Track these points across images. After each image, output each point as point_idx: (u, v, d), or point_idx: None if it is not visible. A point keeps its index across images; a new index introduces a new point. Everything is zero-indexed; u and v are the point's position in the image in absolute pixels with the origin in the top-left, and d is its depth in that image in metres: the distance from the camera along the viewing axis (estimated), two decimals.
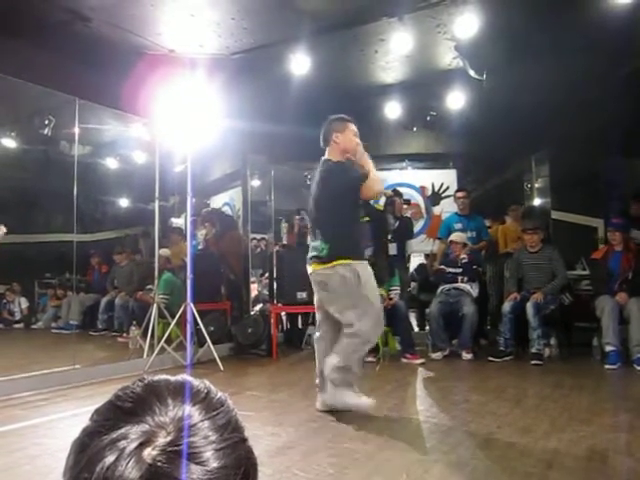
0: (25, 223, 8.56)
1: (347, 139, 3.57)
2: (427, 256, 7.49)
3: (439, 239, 6.61)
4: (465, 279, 5.87)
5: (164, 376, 0.63)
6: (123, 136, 7.02)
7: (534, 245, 5.75)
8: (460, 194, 6.50)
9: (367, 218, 6.23)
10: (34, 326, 8.47)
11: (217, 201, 8.35)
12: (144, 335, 5.37)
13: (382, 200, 6.58)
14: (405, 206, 6.60)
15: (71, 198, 5.29)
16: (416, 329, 6.94)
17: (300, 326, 7.04)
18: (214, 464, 0.54)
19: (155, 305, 5.42)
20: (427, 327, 6.22)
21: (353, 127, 3.62)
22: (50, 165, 7.31)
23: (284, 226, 7.77)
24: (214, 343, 5.30)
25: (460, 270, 5.92)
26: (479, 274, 6.08)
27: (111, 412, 0.57)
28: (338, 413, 3.53)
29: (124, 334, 6.90)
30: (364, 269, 3.48)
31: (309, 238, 3.75)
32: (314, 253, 3.49)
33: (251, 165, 7.51)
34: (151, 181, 5.75)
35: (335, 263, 3.40)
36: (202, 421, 0.56)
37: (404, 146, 7.53)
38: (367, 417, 3.44)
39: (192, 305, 5.06)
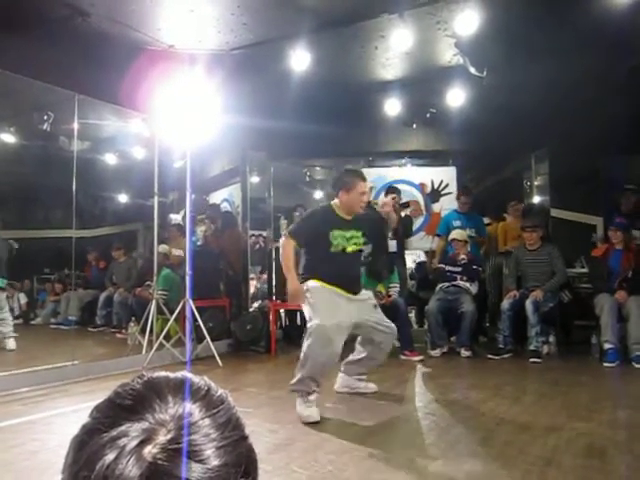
0: (24, 219, 8.57)
1: (352, 198, 3.63)
2: (426, 253, 7.49)
3: (438, 236, 6.61)
4: (464, 278, 5.87)
5: (164, 373, 0.62)
6: (122, 132, 7.01)
7: (533, 243, 5.75)
8: (464, 199, 6.47)
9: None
10: (33, 322, 8.47)
11: (216, 197, 8.34)
12: (143, 331, 5.37)
13: (382, 197, 6.59)
14: (404, 210, 6.51)
15: (70, 194, 5.28)
16: (415, 326, 6.94)
17: (299, 323, 7.03)
18: (215, 462, 0.53)
19: (154, 301, 5.41)
20: (426, 324, 6.22)
21: (362, 186, 3.66)
22: (49, 161, 7.29)
23: (283, 223, 7.75)
24: (213, 339, 5.30)
25: (460, 269, 5.92)
26: (479, 274, 6.07)
27: (111, 409, 0.57)
28: (337, 409, 3.53)
29: (123, 330, 6.90)
30: (316, 291, 3.51)
31: None
32: None
33: (250, 161, 7.51)
34: (150, 177, 5.74)
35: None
36: (203, 419, 0.56)
37: (404, 143, 7.52)
38: (366, 414, 3.44)
39: (191, 301, 5.05)
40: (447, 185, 7.29)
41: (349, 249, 3.65)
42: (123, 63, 4.86)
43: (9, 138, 6.79)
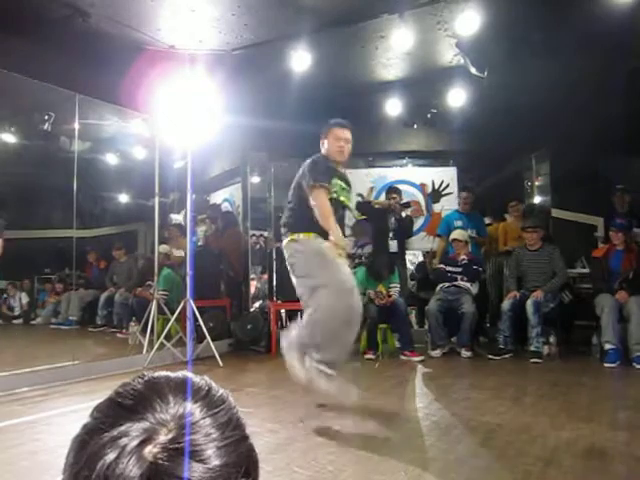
0: (25, 219, 8.56)
1: (328, 145, 3.63)
2: (427, 253, 7.49)
3: (439, 236, 6.61)
4: (465, 279, 5.86)
5: (165, 373, 0.62)
6: (123, 132, 7.01)
7: (534, 243, 5.75)
8: (465, 194, 6.48)
9: (364, 217, 6.25)
10: (33, 322, 8.47)
11: (217, 197, 8.35)
12: (143, 331, 5.37)
13: (382, 197, 6.59)
14: (405, 210, 6.52)
15: (71, 194, 5.29)
16: (415, 326, 6.94)
17: None
18: (216, 462, 0.53)
19: (155, 301, 5.42)
20: (426, 324, 6.22)
21: (338, 132, 3.63)
22: (50, 161, 7.29)
23: None
24: (213, 339, 5.30)
25: (460, 270, 5.91)
26: (479, 275, 6.06)
27: (111, 409, 0.57)
28: (338, 410, 3.53)
29: (123, 330, 6.91)
30: (309, 242, 3.36)
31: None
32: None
33: (251, 161, 7.51)
34: (151, 177, 5.74)
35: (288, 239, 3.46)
36: (203, 418, 0.56)
37: (404, 143, 7.52)
38: (366, 414, 3.44)
39: (192, 301, 5.06)
40: (448, 185, 7.29)
41: (342, 200, 3.52)
42: (124, 63, 4.86)
43: (10, 138, 6.79)
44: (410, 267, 7.47)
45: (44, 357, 5.00)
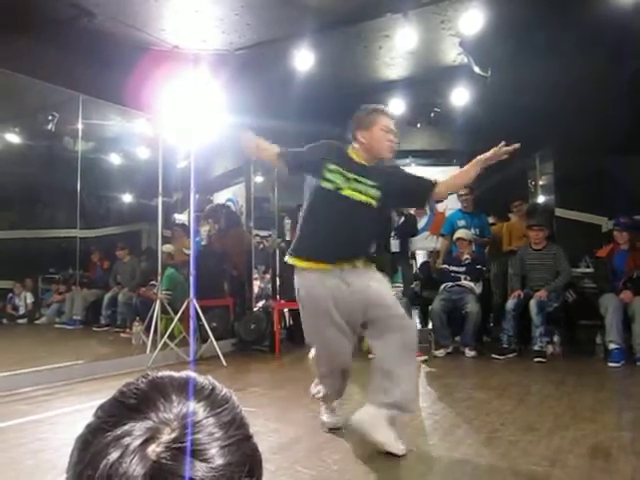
0: (29, 218, 8.59)
1: (375, 139, 2.89)
2: (431, 252, 7.48)
3: (442, 236, 6.59)
4: (468, 278, 5.85)
5: (168, 372, 0.62)
6: (126, 132, 7.03)
7: (539, 242, 5.73)
8: (462, 191, 6.47)
9: None
10: (37, 321, 8.50)
11: (220, 197, 8.35)
12: (147, 331, 5.38)
13: None
14: None
15: (74, 194, 5.31)
16: (419, 326, 6.93)
17: None
18: (219, 461, 0.53)
19: (158, 301, 5.42)
20: (430, 324, 6.20)
21: (385, 121, 2.92)
22: (54, 161, 7.32)
23: (287, 222, 7.75)
24: (217, 339, 5.30)
25: (463, 269, 5.90)
26: (483, 274, 6.05)
27: (115, 408, 0.57)
28: (342, 409, 3.52)
29: (127, 330, 6.92)
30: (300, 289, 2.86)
31: None
32: None
33: (254, 161, 7.50)
34: (154, 177, 5.75)
35: None
36: (207, 418, 0.56)
37: (408, 142, 7.49)
38: None
39: (195, 301, 5.06)
40: None
41: (346, 192, 2.78)
42: (127, 63, 4.87)
43: (14, 138, 6.82)
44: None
45: (48, 357, 5.01)
